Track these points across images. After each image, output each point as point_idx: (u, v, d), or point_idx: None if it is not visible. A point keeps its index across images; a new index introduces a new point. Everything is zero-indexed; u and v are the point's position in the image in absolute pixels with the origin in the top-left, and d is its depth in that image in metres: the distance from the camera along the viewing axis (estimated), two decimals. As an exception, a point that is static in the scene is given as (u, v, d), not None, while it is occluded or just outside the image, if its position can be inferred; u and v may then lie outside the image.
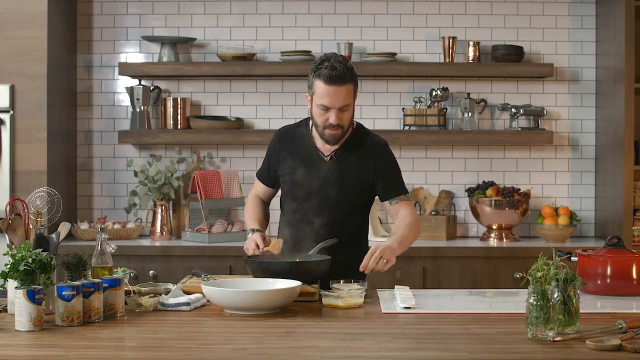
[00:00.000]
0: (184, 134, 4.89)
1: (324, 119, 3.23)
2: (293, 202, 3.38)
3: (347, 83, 3.20)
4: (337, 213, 3.33)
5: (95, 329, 2.53)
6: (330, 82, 3.17)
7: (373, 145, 3.40)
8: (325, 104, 3.20)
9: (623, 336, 2.33)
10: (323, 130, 3.26)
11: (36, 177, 4.52)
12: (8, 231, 2.87)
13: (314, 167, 3.35)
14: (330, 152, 3.35)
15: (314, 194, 3.34)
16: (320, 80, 3.19)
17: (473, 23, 5.05)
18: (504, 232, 4.80)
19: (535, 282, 2.42)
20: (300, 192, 3.36)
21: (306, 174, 3.35)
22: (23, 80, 4.57)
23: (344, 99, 3.20)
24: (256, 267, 3.08)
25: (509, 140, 4.95)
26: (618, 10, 4.67)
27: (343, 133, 3.28)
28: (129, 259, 4.36)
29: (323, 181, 3.33)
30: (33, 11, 4.56)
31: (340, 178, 3.33)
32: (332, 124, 3.22)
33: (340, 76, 3.17)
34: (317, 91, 3.21)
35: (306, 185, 3.35)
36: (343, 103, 3.20)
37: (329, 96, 3.18)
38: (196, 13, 5.06)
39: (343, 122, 3.24)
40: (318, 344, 2.38)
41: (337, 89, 3.17)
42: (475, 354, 2.25)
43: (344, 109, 3.22)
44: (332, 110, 3.21)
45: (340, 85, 3.17)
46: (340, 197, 3.33)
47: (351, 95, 3.24)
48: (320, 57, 3.28)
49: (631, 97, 4.62)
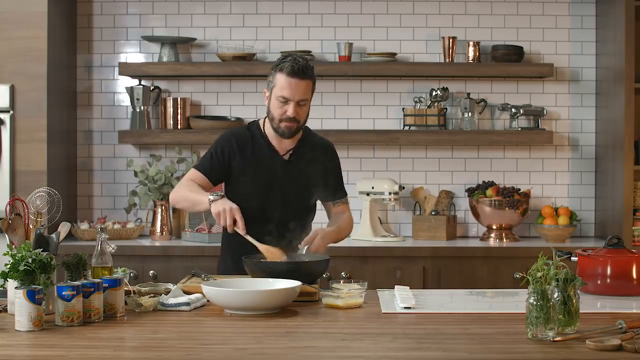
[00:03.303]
0: (184, 134, 4.89)
1: (281, 111, 3.33)
2: (249, 202, 3.39)
3: (308, 79, 3.32)
4: (292, 209, 3.42)
5: (95, 329, 2.53)
6: (292, 74, 3.28)
7: (324, 147, 3.53)
8: (286, 95, 3.30)
9: (623, 336, 2.32)
10: (279, 123, 3.36)
11: (36, 177, 4.52)
12: (8, 231, 2.87)
13: (271, 166, 3.43)
14: (286, 151, 3.45)
15: (272, 192, 3.42)
16: (282, 73, 3.30)
17: (473, 23, 5.05)
18: (504, 232, 4.80)
19: (535, 282, 2.41)
20: (258, 191, 3.42)
21: (264, 173, 3.43)
22: (23, 80, 4.57)
23: (304, 93, 3.32)
24: (256, 267, 3.09)
25: (509, 140, 4.95)
26: (618, 10, 4.67)
27: (298, 128, 3.39)
28: (129, 259, 4.35)
29: (281, 179, 3.42)
30: (33, 11, 4.56)
31: (296, 176, 3.43)
32: (289, 117, 3.33)
33: (302, 70, 3.29)
34: (278, 84, 3.31)
35: (264, 184, 3.42)
36: (302, 97, 3.32)
37: (290, 88, 3.29)
38: (196, 13, 5.06)
39: (300, 116, 3.36)
40: (318, 344, 2.38)
41: (298, 82, 3.29)
42: (475, 354, 2.25)
43: (302, 103, 3.33)
44: (291, 102, 3.31)
45: (301, 78, 3.29)
46: (297, 194, 3.43)
47: (310, 91, 3.36)
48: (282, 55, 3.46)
49: (631, 97, 4.62)
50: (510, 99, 5.04)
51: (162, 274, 4.47)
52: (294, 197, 3.42)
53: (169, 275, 4.38)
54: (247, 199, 3.39)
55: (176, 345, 2.35)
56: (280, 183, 3.42)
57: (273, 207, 3.40)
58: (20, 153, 4.56)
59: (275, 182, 3.42)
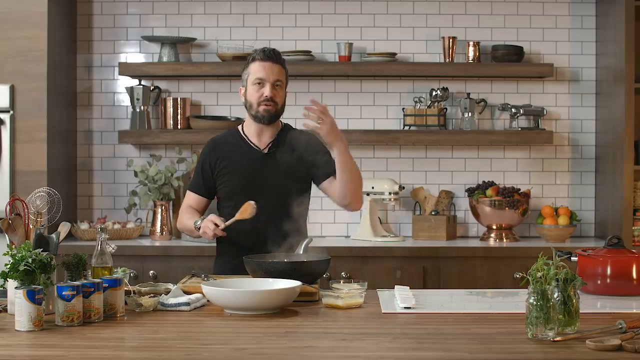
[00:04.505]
0: (184, 134, 4.89)
1: (259, 94, 3.46)
2: (234, 199, 3.47)
3: (280, 64, 3.48)
4: (278, 202, 3.45)
5: (95, 329, 2.53)
6: (265, 58, 3.45)
7: (306, 134, 3.55)
8: (261, 76, 3.44)
9: (623, 336, 2.33)
10: (258, 107, 3.47)
11: (36, 177, 4.52)
12: (8, 231, 2.87)
13: (252, 162, 3.50)
14: (266, 145, 3.52)
15: (256, 187, 3.46)
16: (255, 61, 3.47)
17: (473, 23, 5.05)
18: (504, 232, 4.80)
19: (535, 282, 2.41)
20: (242, 188, 3.48)
21: (246, 169, 3.50)
22: (23, 80, 4.57)
23: (278, 74, 3.46)
24: (256, 267, 3.09)
25: (509, 140, 4.95)
26: (618, 10, 4.67)
27: (277, 112, 3.49)
28: (129, 259, 4.35)
29: (263, 173, 3.48)
30: (33, 11, 4.56)
31: (279, 168, 3.47)
32: (266, 97, 3.44)
33: (274, 53, 3.47)
34: (252, 70, 3.47)
35: (248, 179, 3.48)
36: (277, 77, 3.45)
37: (264, 69, 3.44)
38: (196, 13, 5.06)
39: (277, 98, 3.46)
40: (318, 344, 2.38)
41: (272, 65, 3.45)
42: (475, 354, 2.25)
43: (277, 84, 3.46)
44: (267, 83, 3.44)
45: (274, 62, 3.46)
46: (281, 187, 3.46)
47: (284, 76, 3.50)
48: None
49: (631, 97, 4.62)
50: (510, 99, 5.04)
51: (162, 274, 4.47)
52: (276, 187, 3.45)
53: (169, 275, 4.38)
54: (232, 197, 3.49)
55: (176, 345, 2.35)
56: (261, 176, 3.48)
57: (257, 199, 3.40)
58: (20, 153, 4.56)
59: (256, 176, 3.48)
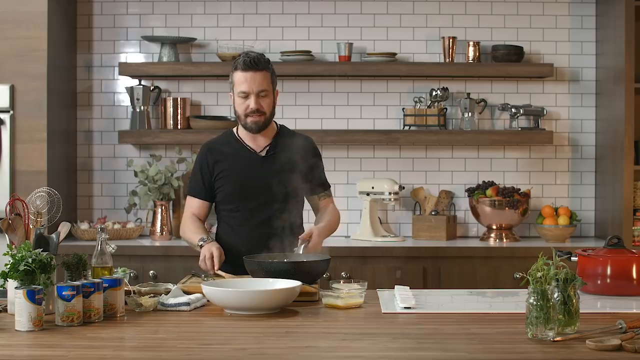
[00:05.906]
0: (184, 134, 4.89)
1: (244, 106, 3.42)
2: (233, 203, 3.48)
3: (263, 70, 3.41)
4: (275, 206, 3.44)
5: (95, 329, 2.53)
6: (245, 68, 3.40)
7: (302, 140, 3.55)
8: (244, 89, 3.40)
9: (623, 336, 2.33)
10: (245, 119, 3.44)
11: (36, 177, 4.52)
12: (8, 231, 2.87)
13: (250, 165, 3.48)
14: (262, 148, 3.49)
15: (254, 190, 3.45)
16: (237, 71, 3.42)
17: (473, 23, 5.05)
18: (504, 232, 4.80)
19: (535, 282, 2.42)
20: (240, 191, 3.47)
21: (244, 172, 3.48)
22: (23, 80, 4.57)
23: (260, 84, 3.40)
24: (256, 267, 3.09)
25: (509, 140, 4.95)
26: (618, 10, 4.67)
27: (265, 121, 3.45)
28: (129, 259, 4.35)
29: (261, 176, 3.46)
30: (33, 11, 4.56)
31: (276, 171, 3.46)
32: (252, 109, 3.40)
33: (254, 62, 3.39)
34: (236, 81, 3.43)
35: (245, 183, 3.47)
36: (260, 87, 3.40)
37: (246, 81, 3.39)
38: (196, 13, 5.06)
39: (263, 108, 3.42)
40: (318, 344, 2.38)
41: (253, 75, 3.39)
42: (475, 354, 2.25)
43: (262, 94, 3.41)
44: (251, 95, 3.40)
45: (255, 71, 3.39)
46: (278, 190, 3.44)
47: (268, 82, 3.43)
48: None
49: (631, 97, 4.62)
50: (510, 99, 5.04)
51: (162, 274, 4.47)
52: (273, 190, 3.44)
53: (169, 275, 4.38)
54: (230, 200, 3.49)
55: (176, 345, 2.35)
56: (258, 178, 3.46)
57: (255, 203, 3.43)
58: (20, 153, 4.56)
59: (253, 178, 3.47)
